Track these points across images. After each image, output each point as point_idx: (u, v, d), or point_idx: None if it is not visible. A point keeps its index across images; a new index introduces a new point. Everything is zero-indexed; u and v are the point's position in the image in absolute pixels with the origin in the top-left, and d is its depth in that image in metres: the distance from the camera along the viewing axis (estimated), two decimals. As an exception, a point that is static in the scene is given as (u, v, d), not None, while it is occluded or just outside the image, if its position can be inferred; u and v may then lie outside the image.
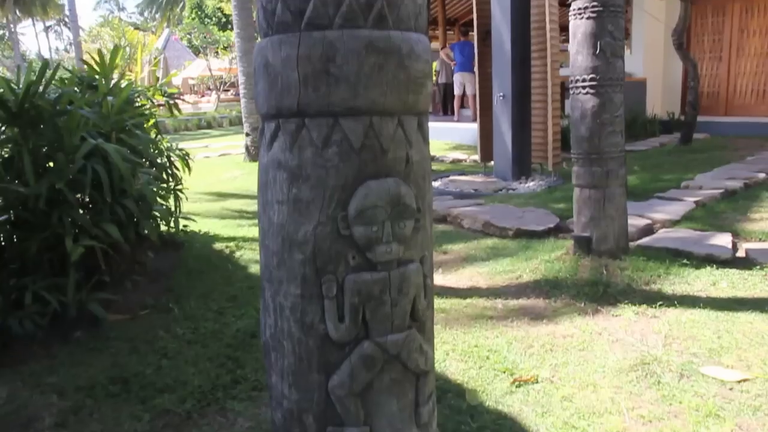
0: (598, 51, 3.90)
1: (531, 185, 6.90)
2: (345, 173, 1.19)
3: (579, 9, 3.99)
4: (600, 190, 4.04)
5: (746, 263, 3.89)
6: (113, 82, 4.38)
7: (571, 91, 4.09)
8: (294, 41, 1.18)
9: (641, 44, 11.49)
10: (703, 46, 11.56)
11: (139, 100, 4.84)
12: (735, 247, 4.19)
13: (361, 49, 1.16)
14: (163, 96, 5.31)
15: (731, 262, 3.92)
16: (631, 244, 4.25)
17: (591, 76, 3.94)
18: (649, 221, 4.82)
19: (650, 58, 11.56)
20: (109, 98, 3.99)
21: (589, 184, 4.07)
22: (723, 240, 4.28)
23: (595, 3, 3.91)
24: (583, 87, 3.98)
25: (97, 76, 4.32)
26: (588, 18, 3.93)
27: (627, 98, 4.19)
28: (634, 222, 4.61)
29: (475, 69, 8.17)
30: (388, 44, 1.18)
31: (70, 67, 6.35)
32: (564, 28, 6.45)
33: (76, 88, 4.10)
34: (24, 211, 3.22)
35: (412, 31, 1.25)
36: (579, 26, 3.99)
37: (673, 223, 4.85)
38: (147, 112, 4.79)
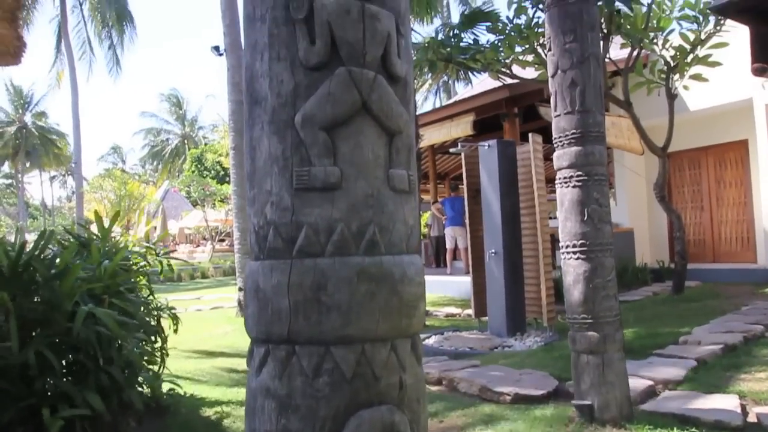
0: (585, 218, 4.00)
1: (527, 342, 6.79)
2: (336, 404, 1.14)
3: (565, 178, 4.15)
4: (598, 356, 3.95)
5: (759, 430, 3.71)
6: (113, 233, 4.42)
7: (562, 256, 4.13)
8: (285, 268, 1.18)
9: (625, 196, 11.92)
10: (685, 197, 11.99)
11: (133, 257, 4.87)
12: (745, 411, 4.02)
13: (352, 276, 1.16)
14: (158, 256, 5.35)
15: (743, 429, 3.74)
16: (635, 408, 4.08)
17: (581, 241, 4.01)
18: (650, 382, 4.67)
19: (635, 209, 11.93)
20: (104, 261, 4.01)
21: (587, 350, 3.98)
22: (730, 403, 4.12)
23: (580, 173, 4.07)
24: (574, 252, 4.04)
25: (95, 237, 4.37)
26: (574, 186, 4.07)
27: (616, 247, 4.24)
28: (636, 383, 4.46)
29: (467, 222, 8.36)
30: (380, 271, 1.19)
31: (71, 217, 6.44)
32: (550, 180, 6.70)
33: (70, 240, 4.13)
34: (1, 379, 3.08)
35: (404, 253, 1.26)
36: (566, 194, 4.12)
37: (676, 384, 4.69)
38: (141, 269, 4.80)
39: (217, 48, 11.24)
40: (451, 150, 11.64)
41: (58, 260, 3.47)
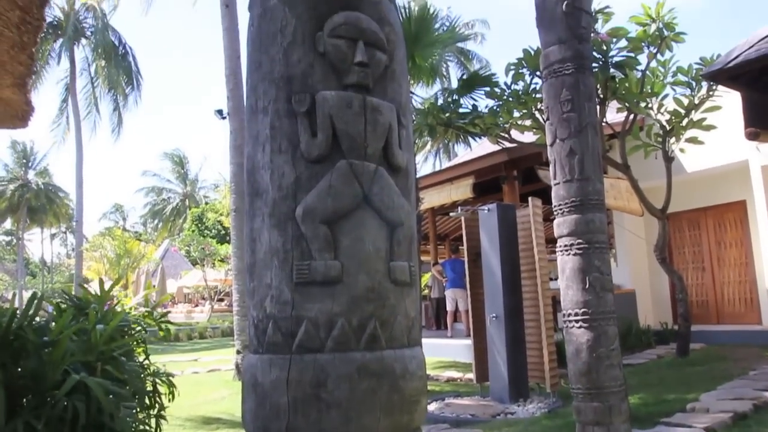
0: (587, 286, 3.97)
1: (530, 408, 6.63)
2: None
3: (565, 246, 4.15)
4: (604, 427, 3.85)
5: None
6: (110, 295, 4.36)
7: (564, 325, 4.09)
8: (284, 363, 1.16)
9: (626, 258, 11.89)
10: (686, 257, 11.96)
11: (131, 317, 4.80)
12: (756, 488, 3.89)
13: (353, 373, 1.14)
14: (155, 321, 5.29)
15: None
16: (645, 484, 3.95)
17: (583, 310, 3.97)
18: (659, 455, 4.53)
19: (636, 270, 11.88)
20: (99, 326, 3.95)
21: (592, 421, 3.89)
22: (742, 479, 3.99)
23: (580, 241, 4.07)
24: (576, 321, 3.99)
25: (92, 299, 4.32)
26: (575, 254, 4.06)
27: (618, 309, 4.19)
28: (644, 457, 4.33)
29: (467, 284, 8.30)
30: (381, 366, 1.16)
31: (69, 275, 6.39)
32: (550, 241, 6.70)
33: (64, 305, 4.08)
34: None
35: (405, 347, 1.24)
36: (567, 262, 4.11)
37: (686, 457, 4.55)
38: (137, 333, 4.73)
39: (220, 111, 11.45)
40: (452, 214, 11.70)
41: (53, 325, 3.43)
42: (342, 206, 1.24)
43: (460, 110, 8.05)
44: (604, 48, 7.58)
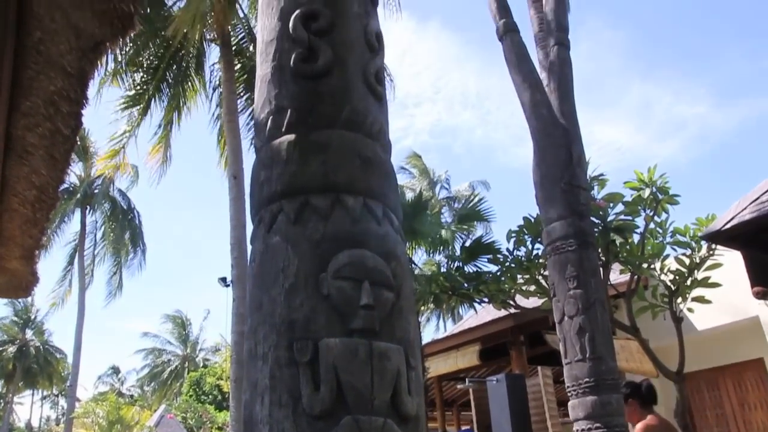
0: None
1: None
2: None
3: (582, 430, 3.91)
4: None
5: None
6: None
7: None
8: None
9: (645, 422, 11.26)
10: (709, 421, 11.32)
11: None
12: None
13: None
14: None
15: None
16: None
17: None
18: None
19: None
20: None
21: None
22: None
23: (598, 424, 3.85)
24: None
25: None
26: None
27: None
28: None
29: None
30: None
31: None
32: (562, 403, 6.37)
33: None
34: None
35: None
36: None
37: None
38: None
39: (224, 279, 11.50)
40: (459, 386, 11.33)
41: None
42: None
43: (464, 276, 8.06)
44: (602, 213, 7.75)
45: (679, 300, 9.00)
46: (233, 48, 12.59)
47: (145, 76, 12.91)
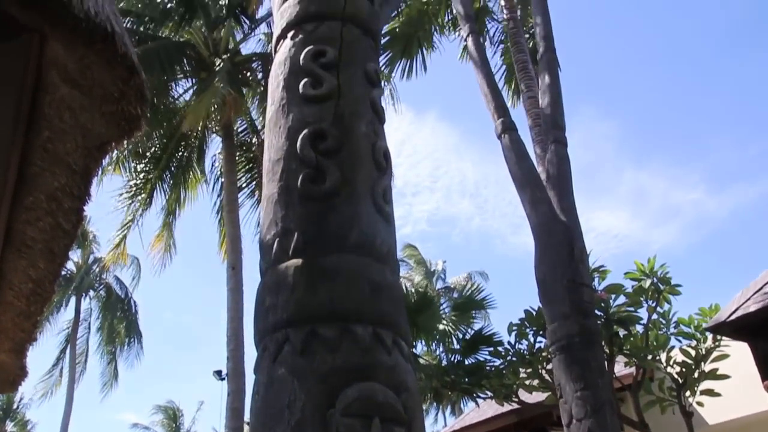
0: None
1: None
2: None
3: None
4: None
5: None
6: None
7: None
8: None
9: None
10: None
11: None
12: None
13: None
14: None
15: None
16: None
17: None
18: None
19: None
20: None
21: None
22: None
23: None
24: None
25: None
26: None
27: None
28: None
29: None
30: None
31: None
32: None
33: None
34: None
35: None
36: None
37: None
38: None
39: (219, 372, 11.22)
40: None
41: None
42: None
43: (465, 369, 7.87)
44: (604, 305, 7.68)
45: (688, 393, 8.74)
46: (235, 140, 12.87)
47: (147, 165, 13.10)
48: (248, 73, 13.48)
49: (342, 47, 2.22)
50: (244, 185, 12.83)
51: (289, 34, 2.37)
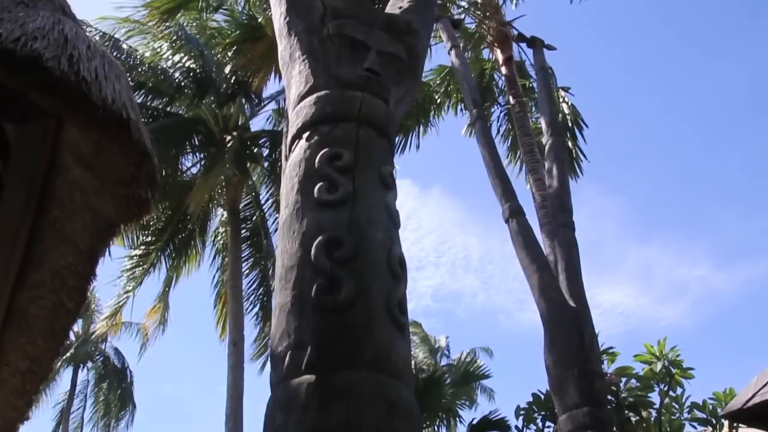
0: None
1: None
2: None
3: None
4: None
5: None
6: None
7: None
8: None
9: None
10: None
11: None
12: None
13: None
14: None
15: None
16: None
17: None
18: None
19: None
20: None
21: None
22: None
23: None
24: None
25: None
26: None
27: None
28: None
29: None
30: None
31: None
32: None
33: None
34: None
35: None
36: None
37: None
38: None
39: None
40: None
41: None
42: None
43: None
44: (614, 389, 7.50)
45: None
46: (240, 215, 12.92)
47: (151, 236, 13.09)
48: (255, 149, 13.68)
49: (358, 150, 2.24)
50: (247, 258, 12.77)
51: (305, 135, 2.39)
